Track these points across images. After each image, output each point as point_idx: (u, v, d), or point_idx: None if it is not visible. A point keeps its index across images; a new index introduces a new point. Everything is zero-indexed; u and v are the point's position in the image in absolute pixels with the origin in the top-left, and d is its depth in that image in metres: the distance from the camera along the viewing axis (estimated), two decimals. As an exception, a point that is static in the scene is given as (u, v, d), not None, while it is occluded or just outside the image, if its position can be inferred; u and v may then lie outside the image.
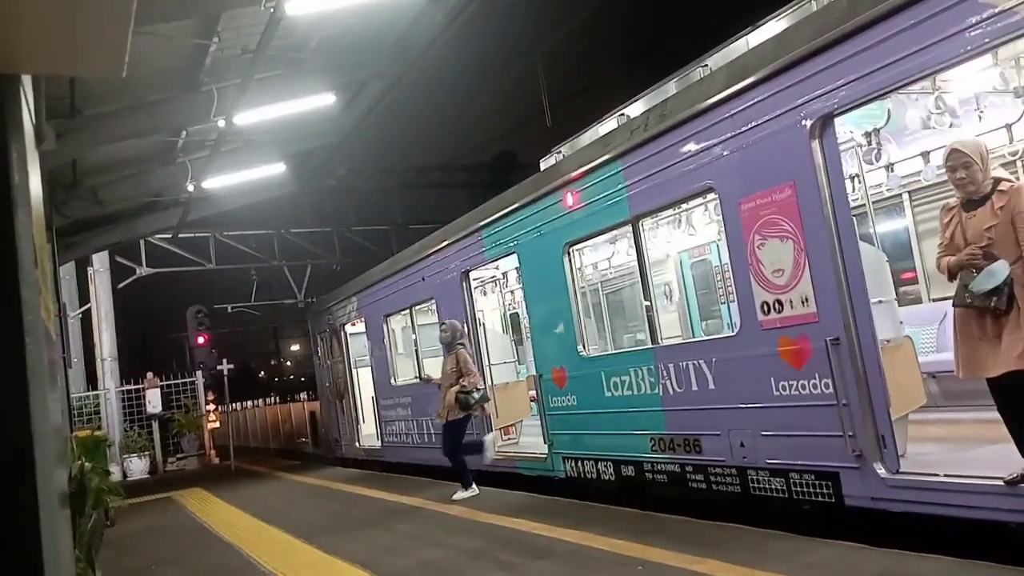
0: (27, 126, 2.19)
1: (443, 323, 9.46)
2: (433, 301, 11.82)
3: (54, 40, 1.75)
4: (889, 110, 6.92)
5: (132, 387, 20.40)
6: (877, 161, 7.82)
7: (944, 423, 6.55)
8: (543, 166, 9.60)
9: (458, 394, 8.81)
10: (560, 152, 9.37)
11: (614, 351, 9.24)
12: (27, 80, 2.26)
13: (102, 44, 1.81)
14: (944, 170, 4.46)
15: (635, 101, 8.25)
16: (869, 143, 7.45)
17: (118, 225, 15.80)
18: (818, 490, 5.61)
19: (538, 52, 17.21)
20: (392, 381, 13.76)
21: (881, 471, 5.13)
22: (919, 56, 4.72)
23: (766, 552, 5.12)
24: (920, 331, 7.68)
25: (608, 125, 8.43)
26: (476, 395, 8.84)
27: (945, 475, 4.81)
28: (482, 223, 10.08)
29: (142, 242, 20.54)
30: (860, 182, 7.82)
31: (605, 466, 8.03)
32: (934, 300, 8.06)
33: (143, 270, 21.50)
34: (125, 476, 18.88)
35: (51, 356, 2.47)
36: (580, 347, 8.34)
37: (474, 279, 11.18)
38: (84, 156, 11.33)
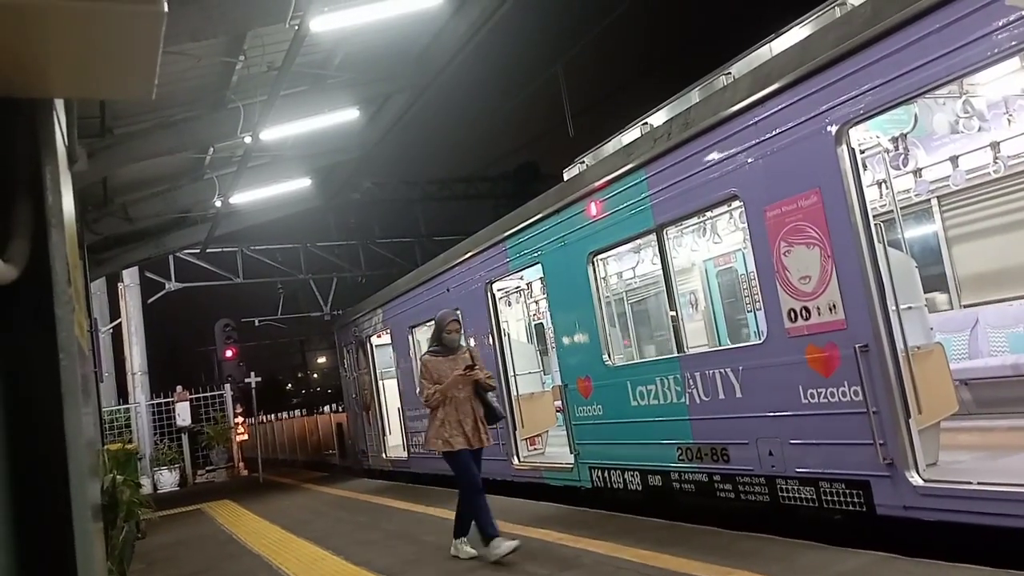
0: (60, 147, 2.25)
1: (454, 316, 7.13)
2: (458, 312, 11.84)
3: (85, 65, 1.79)
4: (916, 115, 6.85)
5: (162, 400, 20.66)
6: (904, 166, 7.73)
7: (977, 431, 6.44)
8: (566, 176, 9.61)
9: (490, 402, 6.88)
10: (583, 162, 9.38)
11: (640, 360, 9.21)
12: (59, 103, 2.33)
13: (132, 68, 1.86)
14: None
15: (658, 110, 8.24)
16: (896, 148, 7.38)
17: (148, 241, 16.06)
18: (849, 499, 5.54)
19: (560, 62, 17.26)
20: (418, 392, 13.78)
21: (914, 479, 5.06)
22: (945, 60, 4.68)
23: (796, 562, 5.06)
24: (952, 338, 7.58)
25: (631, 134, 8.42)
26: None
27: (979, 483, 4.73)
28: (506, 234, 10.11)
29: (171, 257, 20.84)
30: (887, 188, 7.73)
31: (632, 476, 7.99)
32: (965, 306, 7.95)
33: (172, 285, 21.82)
34: (155, 489, 19.10)
35: (84, 371, 2.51)
36: (605, 356, 8.32)
37: (498, 290, 11.20)
38: (114, 174, 11.54)
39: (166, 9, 1.56)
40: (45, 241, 1.96)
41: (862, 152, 5.85)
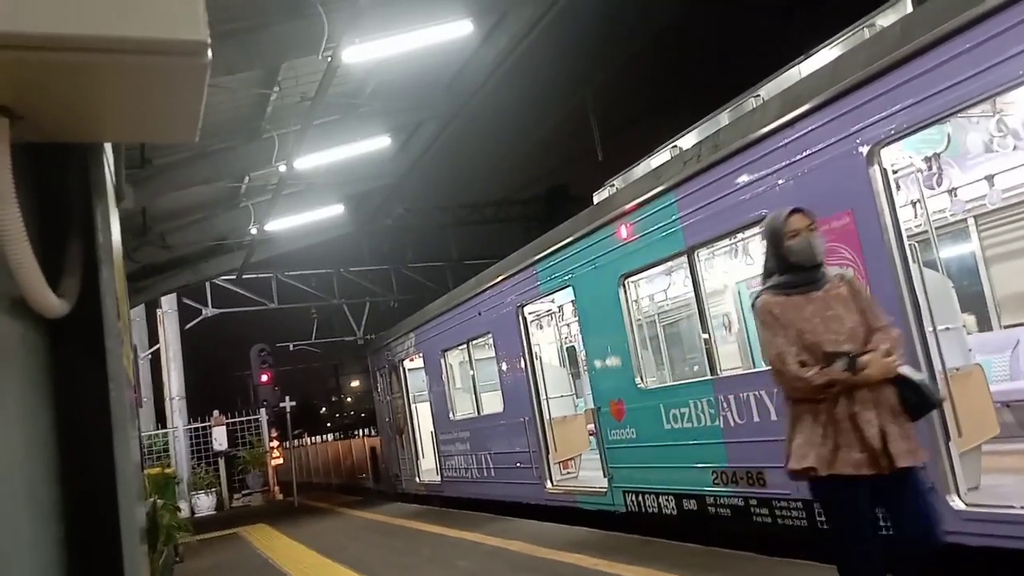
0: (109, 186, 2.38)
1: (794, 208, 3.76)
2: (490, 335, 11.91)
3: (134, 112, 1.91)
4: (949, 134, 6.80)
5: (199, 425, 20.92)
6: (938, 186, 7.66)
7: (1020, 453, 6.30)
8: (596, 199, 9.65)
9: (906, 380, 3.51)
10: (613, 185, 9.42)
11: (673, 383, 9.16)
12: (108, 144, 2.46)
13: (178, 114, 1.97)
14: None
15: (688, 132, 8.27)
16: (929, 168, 7.32)
17: (185, 268, 16.38)
18: (888, 523, 5.43)
19: (589, 87, 17.41)
20: (451, 416, 13.85)
21: (955, 503, 4.96)
22: (977, 79, 4.65)
23: (836, 589, 4.97)
24: (993, 359, 7.44)
25: (661, 157, 8.45)
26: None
27: (1022, 507, 4.63)
28: (537, 257, 10.16)
29: (208, 284, 21.21)
30: (922, 208, 7.66)
31: (666, 500, 7.92)
32: (1006, 327, 7.81)
33: (209, 311, 22.19)
34: (193, 512, 19.28)
35: (131, 399, 2.62)
36: (638, 379, 8.30)
37: (530, 313, 11.24)
38: (153, 204, 11.83)
39: (210, 60, 1.66)
40: (96, 279, 2.07)
41: (895, 172, 5.82)
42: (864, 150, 5.39)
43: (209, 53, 1.63)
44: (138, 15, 1.54)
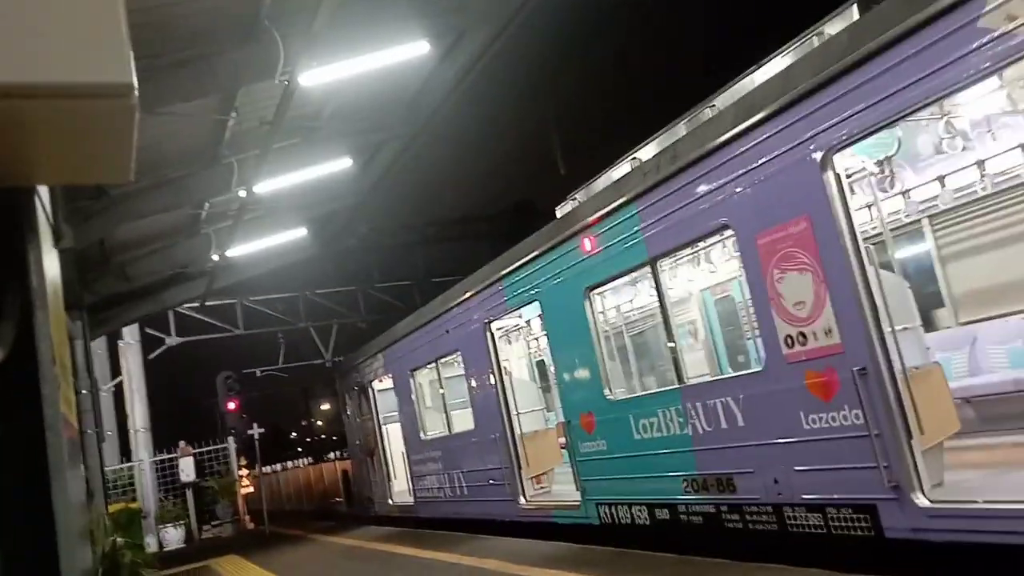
0: (44, 229, 2.35)
1: None
2: (458, 353, 11.86)
3: (65, 155, 1.90)
4: (899, 138, 6.95)
5: (165, 457, 20.49)
6: (891, 189, 7.82)
7: (982, 448, 6.41)
8: (559, 213, 9.69)
9: None
10: (575, 199, 9.47)
11: (641, 393, 9.19)
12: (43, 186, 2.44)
13: (109, 156, 1.96)
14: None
15: (647, 144, 8.35)
16: (882, 171, 7.46)
17: (147, 298, 16.11)
18: (856, 524, 5.50)
19: (550, 101, 17.52)
20: (422, 435, 13.74)
21: (920, 500, 5.03)
22: (923, 83, 4.76)
23: (809, 592, 5.00)
24: (951, 356, 7.58)
25: (621, 169, 8.52)
26: None
27: (985, 501, 4.70)
28: (502, 273, 10.16)
29: (171, 312, 20.88)
30: (876, 210, 7.80)
31: (639, 510, 7.93)
32: (963, 324, 7.96)
33: (172, 340, 21.83)
34: (161, 547, 18.85)
35: (71, 436, 2.57)
36: (606, 391, 8.31)
37: (498, 328, 11.22)
38: (111, 234, 11.63)
39: (137, 101, 1.64)
40: (31, 325, 2.06)
41: (848, 176, 5.92)
42: (818, 156, 5.48)
43: (136, 94, 1.62)
44: (62, 60, 1.53)
